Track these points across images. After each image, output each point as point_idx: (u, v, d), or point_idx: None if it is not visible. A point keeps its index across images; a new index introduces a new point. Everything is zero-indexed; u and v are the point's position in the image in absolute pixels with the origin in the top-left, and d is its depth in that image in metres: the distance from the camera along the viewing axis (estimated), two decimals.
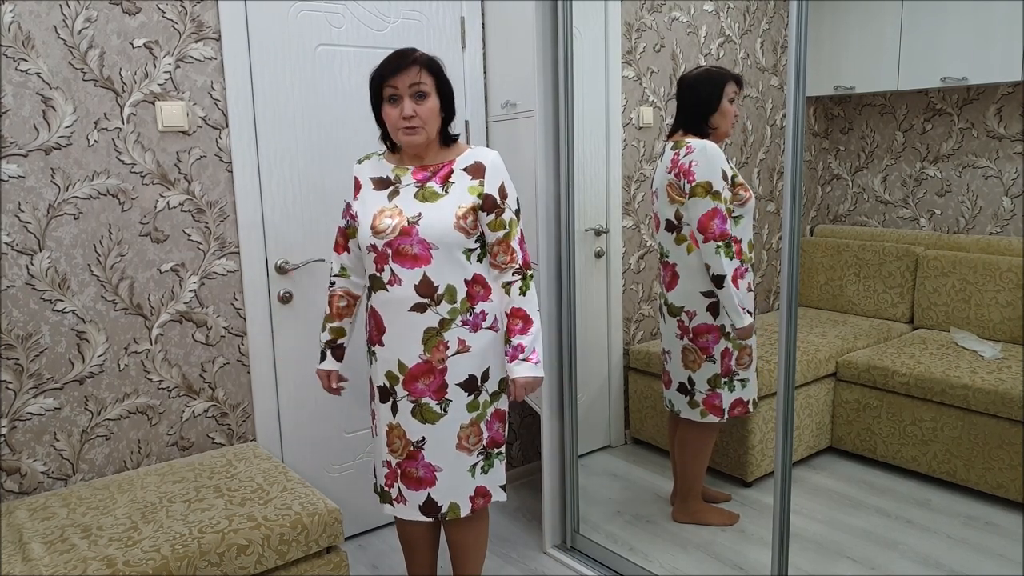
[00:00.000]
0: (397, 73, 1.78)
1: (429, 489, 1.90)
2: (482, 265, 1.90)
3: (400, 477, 1.92)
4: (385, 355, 1.89)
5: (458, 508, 1.92)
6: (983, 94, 3.39)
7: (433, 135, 1.85)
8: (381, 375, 1.91)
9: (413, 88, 1.78)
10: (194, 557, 1.73)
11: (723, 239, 2.30)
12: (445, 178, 1.86)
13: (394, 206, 1.85)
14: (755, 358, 2.53)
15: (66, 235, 2.09)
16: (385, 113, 1.82)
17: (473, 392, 1.90)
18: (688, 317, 2.47)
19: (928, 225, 3.65)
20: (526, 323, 1.90)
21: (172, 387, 2.31)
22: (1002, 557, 2.47)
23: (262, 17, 2.33)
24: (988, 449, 2.74)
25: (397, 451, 1.92)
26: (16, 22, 1.96)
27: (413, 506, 1.92)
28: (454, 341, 1.85)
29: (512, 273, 1.90)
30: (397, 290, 1.83)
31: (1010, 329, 3.16)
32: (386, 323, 1.87)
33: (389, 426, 1.92)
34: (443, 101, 1.84)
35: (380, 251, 1.84)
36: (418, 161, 1.89)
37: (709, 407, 2.51)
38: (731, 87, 2.41)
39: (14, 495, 2.09)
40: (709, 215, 2.31)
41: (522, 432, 3.16)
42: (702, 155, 2.33)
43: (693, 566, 2.47)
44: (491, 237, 1.89)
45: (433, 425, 1.87)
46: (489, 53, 2.80)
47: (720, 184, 2.32)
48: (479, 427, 1.92)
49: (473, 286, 1.87)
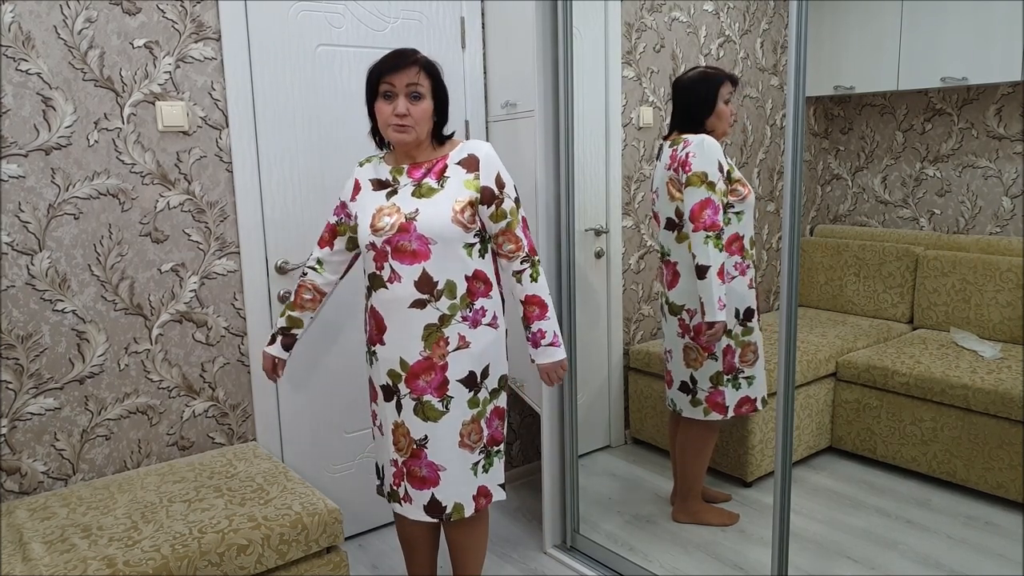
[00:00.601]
0: (396, 71, 1.79)
1: (433, 489, 1.90)
2: (483, 260, 1.90)
3: (406, 476, 1.92)
4: (386, 354, 1.89)
5: (463, 508, 1.92)
6: (983, 94, 3.39)
7: (423, 137, 1.85)
8: (383, 374, 1.91)
9: (410, 88, 1.79)
10: (194, 557, 1.73)
11: (713, 229, 2.29)
12: (440, 173, 1.86)
13: (392, 204, 1.85)
14: (761, 355, 2.52)
15: (66, 235, 2.09)
16: (378, 108, 1.83)
17: (474, 389, 1.90)
18: (689, 316, 2.48)
19: (928, 225, 3.65)
20: (542, 309, 1.93)
21: (172, 387, 2.31)
22: (1002, 557, 2.47)
23: (262, 17, 2.33)
24: (988, 449, 2.74)
25: (403, 450, 1.92)
26: (16, 22, 1.96)
27: (418, 506, 1.92)
28: (454, 337, 1.86)
29: (520, 262, 1.91)
30: (397, 287, 1.84)
31: (1010, 329, 3.16)
32: (387, 321, 1.88)
33: (395, 424, 1.92)
34: (437, 105, 1.85)
35: (379, 249, 1.84)
36: (411, 159, 1.90)
37: (712, 405, 2.51)
38: (726, 88, 2.41)
39: (14, 495, 2.09)
40: (701, 204, 2.31)
41: (522, 432, 3.16)
42: (699, 147, 2.34)
43: (693, 566, 2.47)
44: (494, 228, 1.89)
45: (435, 423, 1.87)
46: (489, 53, 2.80)
47: (716, 175, 2.32)
48: (479, 424, 1.92)
49: (473, 282, 1.87)
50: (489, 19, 2.78)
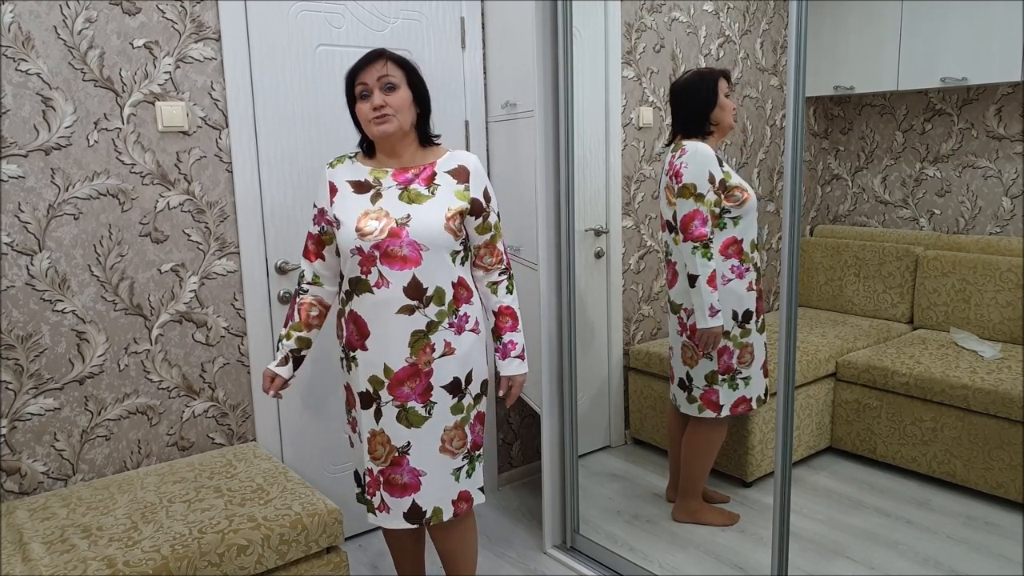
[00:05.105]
0: (364, 68, 1.80)
1: (414, 495, 1.88)
2: (464, 268, 1.90)
3: (383, 485, 1.89)
4: (369, 359, 1.85)
5: (441, 512, 1.90)
6: (983, 94, 3.39)
7: (407, 126, 1.83)
8: (363, 380, 1.87)
9: (382, 80, 1.79)
10: (194, 557, 1.73)
11: (700, 240, 2.36)
12: (429, 180, 1.86)
13: (379, 208, 1.83)
14: (758, 356, 2.53)
15: (66, 235, 2.09)
16: (358, 110, 1.83)
17: (457, 395, 1.89)
18: (686, 314, 2.50)
19: (928, 225, 3.65)
20: (514, 321, 1.97)
21: (172, 387, 2.31)
22: (1002, 557, 2.47)
23: (262, 17, 2.33)
24: (988, 449, 2.74)
25: (380, 458, 1.88)
26: (16, 22, 1.96)
27: (397, 514, 1.89)
28: (440, 344, 1.85)
29: (499, 273, 1.96)
30: (384, 292, 1.81)
31: (1010, 329, 3.16)
32: (370, 326, 1.84)
33: (372, 433, 1.88)
34: (416, 96, 1.84)
35: (367, 254, 1.80)
36: (397, 162, 1.88)
37: (706, 403, 2.53)
38: (723, 83, 2.46)
39: (14, 495, 2.09)
40: (689, 216, 2.37)
41: (522, 432, 3.16)
42: (692, 157, 2.39)
43: (693, 566, 2.47)
44: (477, 240, 1.91)
45: (419, 429, 1.86)
46: (489, 53, 2.80)
47: (704, 187, 2.36)
48: (463, 431, 1.91)
49: (458, 288, 1.87)
50: (489, 19, 2.78)
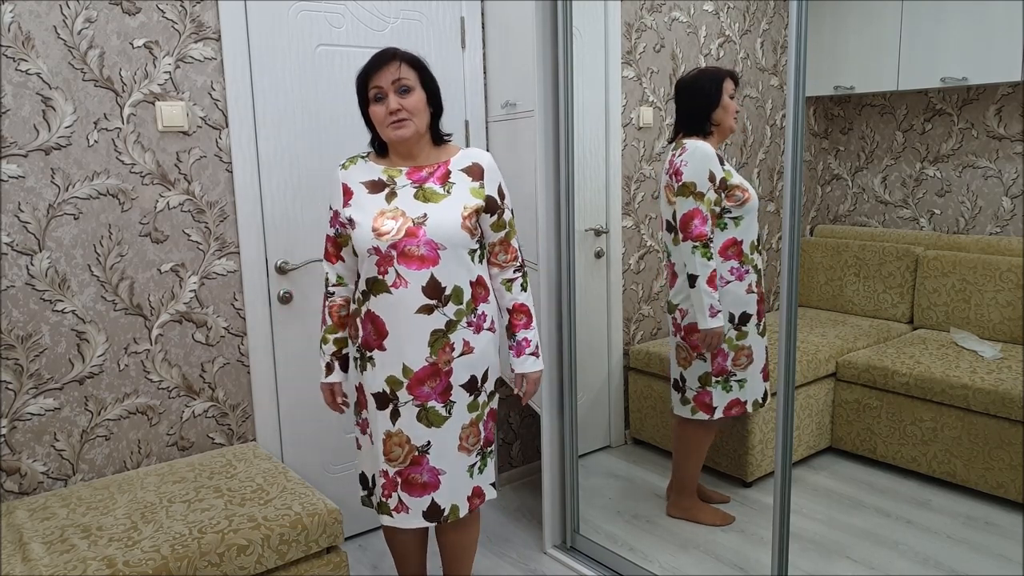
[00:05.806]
0: (378, 70, 1.79)
1: (433, 493, 1.89)
2: (482, 266, 1.90)
3: (401, 485, 1.89)
4: (387, 359, 1.85)
5: (458, 510, 1.92)
6: (983, 94, 3.39)
7: (423, 128, 1.83)
8: (380, 381, 1.86)
9: (396, 83, 1.78)
10: (194, 557, 1.73)
11: (699, 239, 2.35)
12: (444, 178, 1.86)
13: (395, 207, 1.82)
14: (757, 359, 2.52)
15: (66, 235, 2.09)
16: (372, 112, 1.82)
17: (473, 392, 1.90)
18: (680, 315, 2.50)
19: (928, 225, 3.65)
20: (529, 318, 1.97)
21: (172, 387, 2.30)
22: (1002, 557, 2.47)
23: (262, 17, 2.33)
24: (988, 449, 2.74)
25: (397, 459, 1.88)
26: (16, 22, 1.96)
27: (416, 513, 1.89)
28: (459, 343, 1.85)
29: (513, 271, 1.95)
30: (402, 292, 1.80)
31: (1010, 329, 3.15)
32: (389, 326, 1.83)
33: (387, 434, 1.87)
34: (430, 96, 1.84)
35: (384, 253, 1.80)
36: (411, 161, 1.88)
37: (700, 404, 2.53)
38: (729, 84, 2.45)
39: (14, 495, 2.09)
40: (689, 215, 2.36)
41: (522, 432, 3.16)
42: (692, 156, 2.38)
43: (693, 566, 2.47)
44: (492, 237, 1.91)
45: (439, 428, 1.87)
46: (489, 53, 2.80)
47: (704, 186, 2.35)
48: (478, 427, 1.92)
49: (476, 287, 1.87)
50: (489, 19, 2.77)
